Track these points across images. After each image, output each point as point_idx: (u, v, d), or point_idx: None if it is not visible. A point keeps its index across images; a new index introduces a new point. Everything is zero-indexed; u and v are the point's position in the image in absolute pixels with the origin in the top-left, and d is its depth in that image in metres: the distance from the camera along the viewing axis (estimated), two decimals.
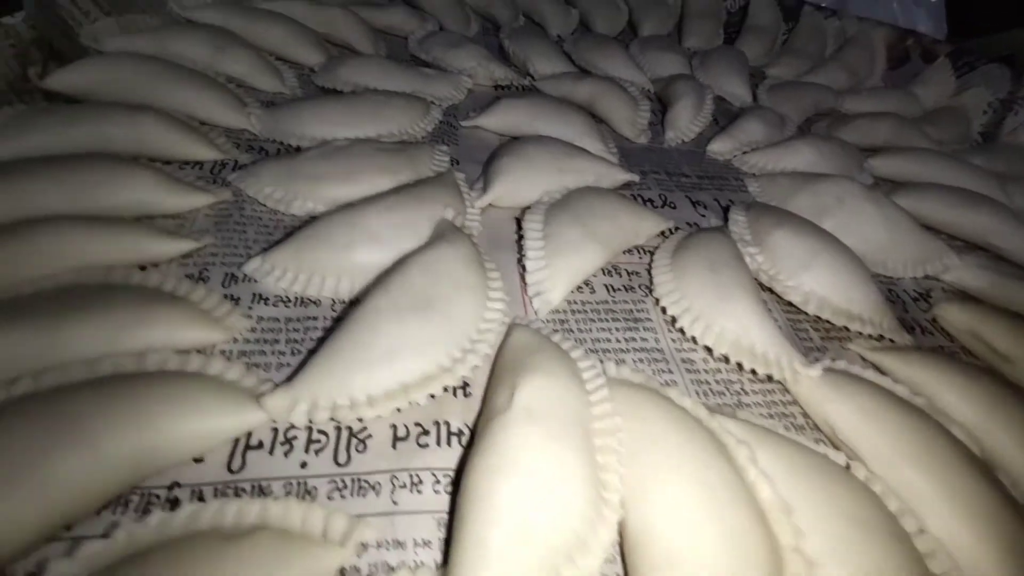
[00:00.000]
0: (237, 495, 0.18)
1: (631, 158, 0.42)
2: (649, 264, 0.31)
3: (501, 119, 0.41)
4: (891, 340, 0.29)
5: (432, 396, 0.22)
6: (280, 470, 0.19)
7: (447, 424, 0.22)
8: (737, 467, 0.20)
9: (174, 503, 0.18)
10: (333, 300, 0.26)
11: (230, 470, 0.19)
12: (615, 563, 0.19)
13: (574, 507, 0.18)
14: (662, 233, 0.34)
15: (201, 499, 0.18)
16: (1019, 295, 0.32)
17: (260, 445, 0.20)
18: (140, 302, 0.22)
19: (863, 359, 0.28)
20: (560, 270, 0.28)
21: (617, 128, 0.45)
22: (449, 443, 0.21)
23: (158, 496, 0.18)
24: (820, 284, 0.30)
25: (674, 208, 0.37)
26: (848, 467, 0.22)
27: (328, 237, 0.27)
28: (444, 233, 0.27)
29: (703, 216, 0.37)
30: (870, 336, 0.29)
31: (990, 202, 0.39)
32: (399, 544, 0.18)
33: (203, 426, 0.19)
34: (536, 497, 0.17)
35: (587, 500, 0.18)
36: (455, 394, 0.23)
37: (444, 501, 0.19)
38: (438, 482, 0.20)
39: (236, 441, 0.20)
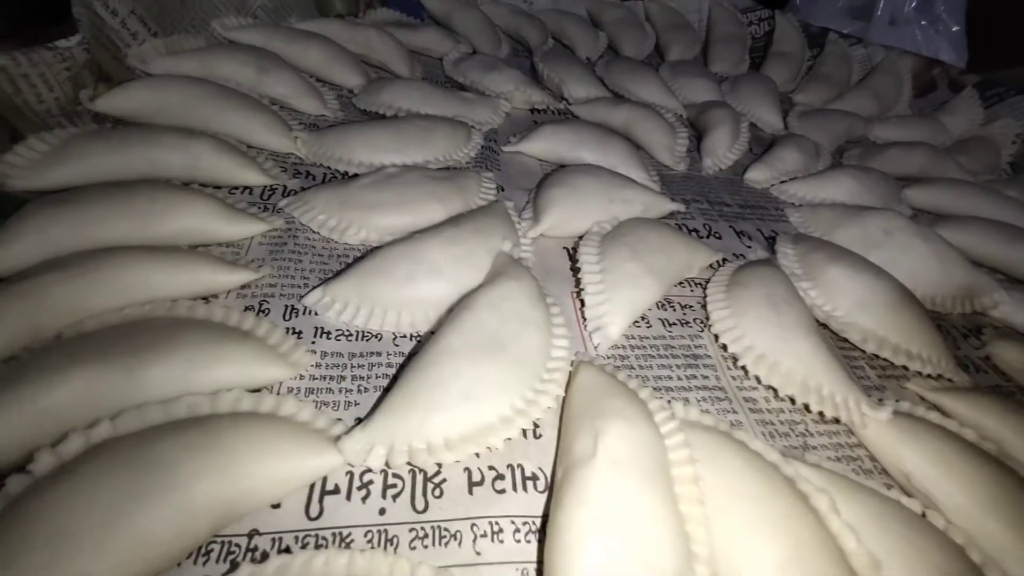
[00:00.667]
0: (318, 544, 0.18)
1: (671, 186, 0.42)
2: (702, 298, 0.31)
3: (543, 145, 0.41)
4: (949, 379, 0.29)
5: (508, 439, 0.21)
6: (359, 518, 0.19)
7: (521, 467, 0.21)
8: (820, 517, 0.20)
9: (257, 553, 0.17)
10: (395, 335, 0.26)
11: (309, 516, 0.19)
12: None
13: (667, 561, 0.17)
14: (710, 265, 0.34)
15: (283, 549, 0.18)
16: None
17: (337, 490, 0.19)
18: (210, 339, 0.22)
19: (922, 399, 0.28)
20: (619, 304, 0.28)
21: (655, 155, 0.45)
22: (525, 488, 0.21)
23: (239, 545, 0.18)
24: (878, 322, 0.29)
25: (719, 238, 0.37)
26: (924, 515, 0.22)
27: (389, 270, 0.27)
28: (506, 268, 0.27)
29: (748, 247, 0.37)
30: (928, 376, 0.29)
31: None
32: None
33: (282, 470, 0.19)
34: (630, 551, 0.17)
35: (678, 555, 0.18)
36: (526, 436, 0.23)
37: (527, 550, 0.19)
38: (518, 530, 0.19)
39: (312, 486, 0.19)
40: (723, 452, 0.21)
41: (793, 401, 0.26)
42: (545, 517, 0.20)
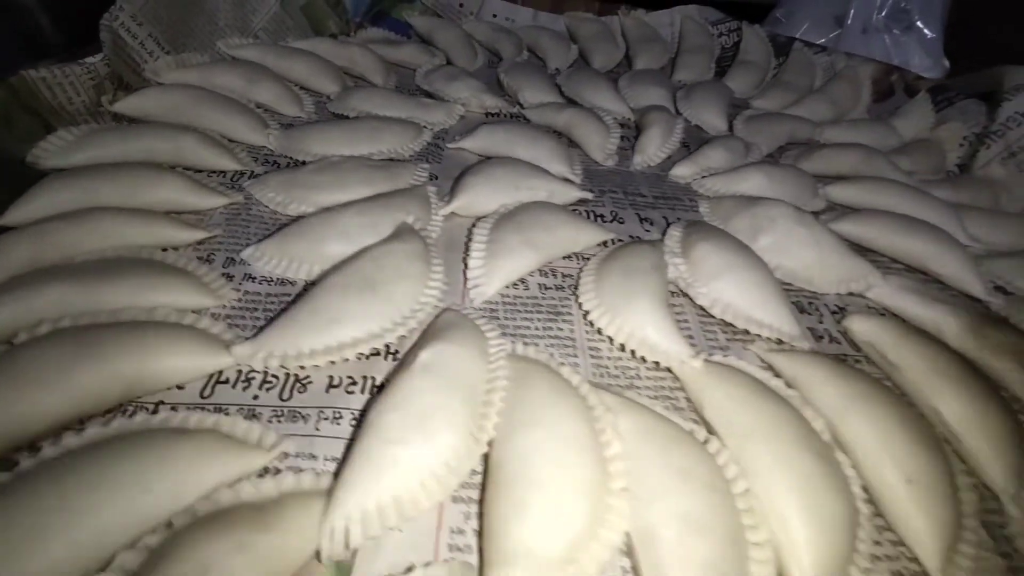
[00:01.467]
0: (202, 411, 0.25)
1: (595, 179, 0.47)
2: (581, 268, 0.36)
3: (480, 141, 0.47)
4: (791, 345, 0.32)
5: (365, 356, 0.28)
6: (237, 399, 0.25)
7: (373, 379, 0.27)
8: (596, 427, 0.25)
9: (154, 411, 0.24)
10: (305, 281, 0.32)
11: (202, 396, 0.25)
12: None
13: (447, 438, 0.23)
14: (605, 243, 0.39)
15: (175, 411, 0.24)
16: (930, 313, 0.34)
17: (227, 381, 0.26)
18: (159, 272, 0.29)
19: (761, 360, 0.32)
20: (497, 269, 0.34)
21: (588, 152, 0.50)
22: (371, 393, 0.27)
23: (147, 408, 0.25)
24: (728, 292, 0.33)
25: (622, 223, 0.42)
26: (706, 441, 0.26)
27: (307, 232, 0.34)
28: (400, 233, 0.34)
29: (647, 231, 0.41)
30: (770, 339, 0.32)
31: (929, 228, 0.41)
32: (312, 456, 0.23)
33: (188, 363, 0.26)
34: (410, 424, 0.22)
35: (461, 436, 0.23)
36: (385, 357, 0.29)
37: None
38: (355, 419, 0.25)
39: (210, 376, 0.26)
40: (536, 375, 0.26)
41: (623, 348, 0.30)
42: None
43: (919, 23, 0.68)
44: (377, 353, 0.28)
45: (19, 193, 0.32)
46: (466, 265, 0.34)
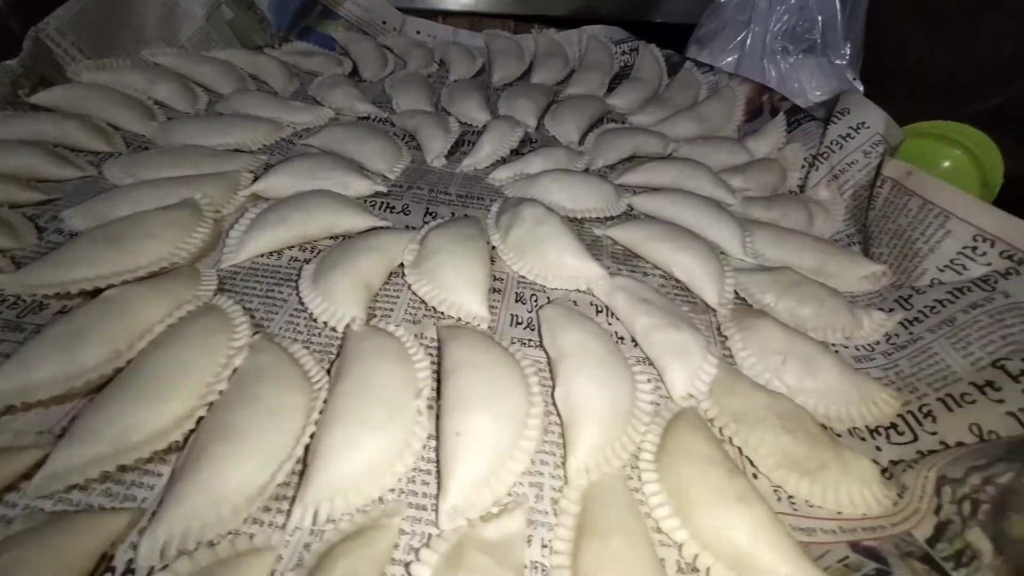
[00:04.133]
0: None
1: (414, 176, 0.52)
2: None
3: (321, 139, 0.54)
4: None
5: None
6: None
7: None
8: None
9: None
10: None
11: None
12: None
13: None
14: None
15: None
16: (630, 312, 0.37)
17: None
18: None
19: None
20: (249, 240, 0.40)
21: (424, 153, 0.55)
22: None
23: None
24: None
25: (407, 215, 0.47)
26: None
27: (109, 199, 0.42)
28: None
29: (426, 222, 0.46)
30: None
31: (690, 239, 0.43)
32: None
33: None
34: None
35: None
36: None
37: None
38: None
39: None
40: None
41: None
42: None
43: (822, 46, 0.67)
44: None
45: None
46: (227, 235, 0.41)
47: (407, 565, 0.25)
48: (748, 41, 0.69)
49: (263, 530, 0.26)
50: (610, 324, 0.39)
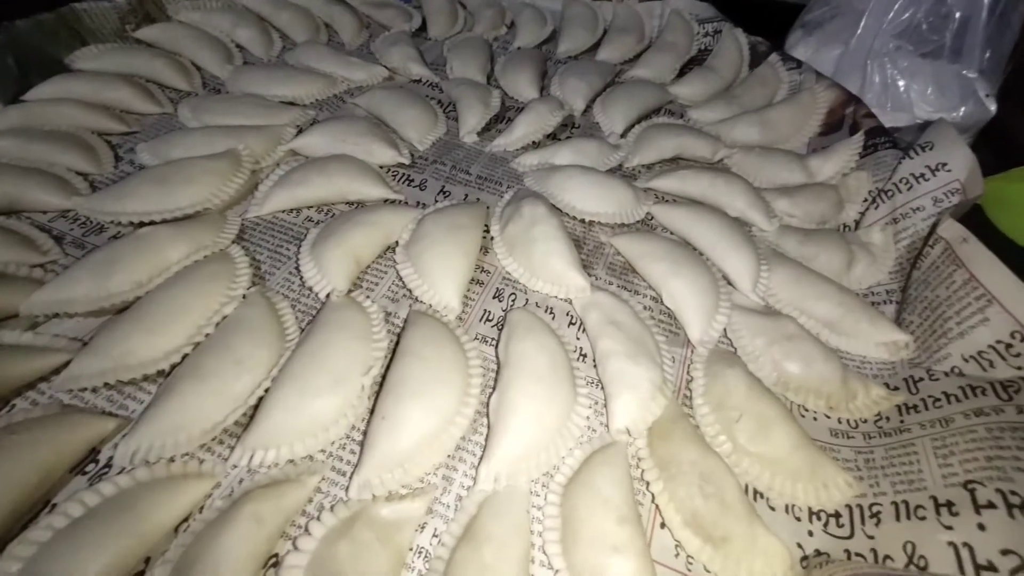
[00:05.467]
0: None
1: (441, 150, 0.53)
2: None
3: (365, 100, 0.56)
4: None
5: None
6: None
7: None
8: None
9: None
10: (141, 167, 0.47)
11: None
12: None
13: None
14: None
15: None
16: None
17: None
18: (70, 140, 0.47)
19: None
20: (272, 195, 0.45)
21: (459, 126, 0.56)
22: None
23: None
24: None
25: (422, 190, 0.49)
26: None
27: (171, 139, 0.48)
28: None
29: (437, 201, 0.48)
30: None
31: (694, 263, 0.41)
32: None
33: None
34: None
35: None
36: None
37: None
38: None
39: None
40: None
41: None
42: None
43: (951, 51, 0.56)
44: None
45: None
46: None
47: (310, 521, 0.28)
48: (856, 34, 0.59)
49: (211, 459, 0.31)
50: (578, 339, 0.39)
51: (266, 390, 0.33)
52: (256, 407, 0.32)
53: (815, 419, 0.35)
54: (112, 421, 0.31)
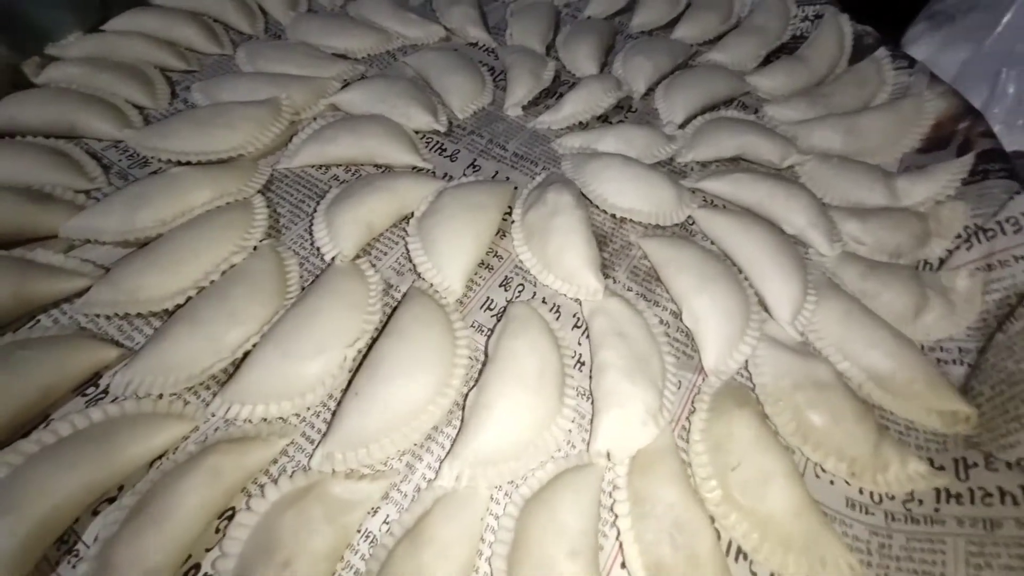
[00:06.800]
0: None
1: (482, 120, 0.50)
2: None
3: (416, 60, 0.54)
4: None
5: None
6: None
7: None
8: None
9: None
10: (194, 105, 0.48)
11: None
12: None
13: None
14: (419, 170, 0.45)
15: None
16: None
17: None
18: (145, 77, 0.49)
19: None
20: (303, 149, 0.44)
21: (511, 93, 0.52)
22: None
23: None
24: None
25: (453, 161, 0.47)
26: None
27: (223, 82, 0.49)
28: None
29: (465, 175, 0.45)
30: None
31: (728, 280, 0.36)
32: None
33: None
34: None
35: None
36: None
37: None
38: None
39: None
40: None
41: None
42: None
43: None
44: None
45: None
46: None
47: (267, 483, 0.29)
48: (996, 33, 0.49)
49: (195, 402, 0.32)
50: (580, 345, 0.36)
51: (254, 346, 0.33)
52: (242, 360, 0.33)
53: (831, 483, 0.30)
54: (116, 350, 0.33)
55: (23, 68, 0.46)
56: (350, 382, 0.32)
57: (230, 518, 0.28)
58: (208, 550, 0.27)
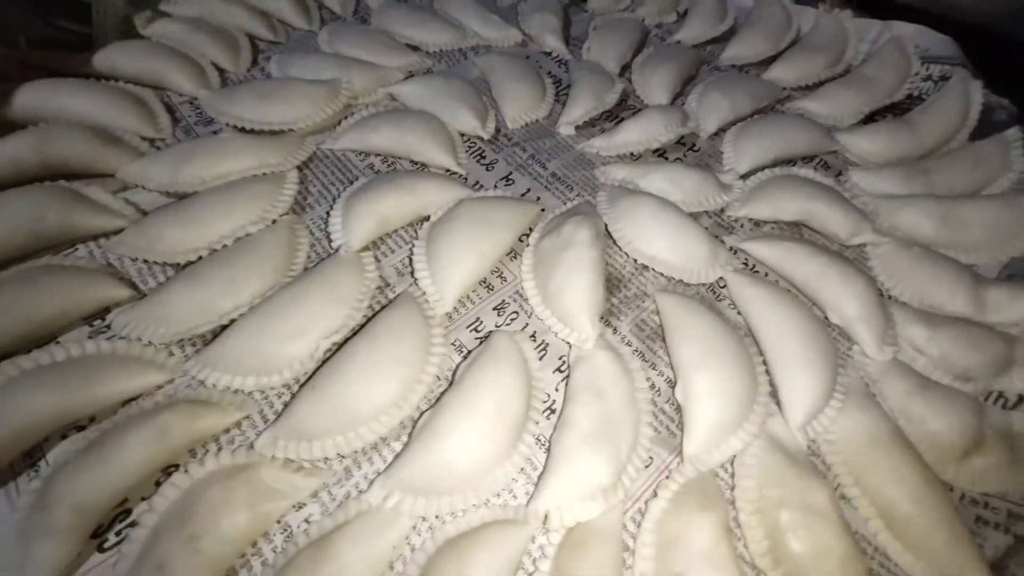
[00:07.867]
0: None
1: (531, 134, 0.49)
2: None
3: (482, 62, 0.54)
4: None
5: None
6: None
7: None
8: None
9: None
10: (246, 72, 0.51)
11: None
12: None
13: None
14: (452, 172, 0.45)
15: None
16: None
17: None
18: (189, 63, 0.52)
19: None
20: (349, 130, 0.45)
21: (563, 114, 0.50)
22: None
23: None
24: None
25: (489, 171, 0.45)
26: None
27: (285, 59, 0.51)
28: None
29: (496, 187, 0.44)
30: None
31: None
32: None
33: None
34: None
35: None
36: None
37: None
38: None
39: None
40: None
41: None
42: None
43: None
44: None
45: None
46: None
47: (209, 454, 0.29)
48: None
49: (179, 355, 0.33)
50: (556, 391, 0.33)
51: (241, 315, 0.34)
52: (225, 327, 0.34)
53: None
54: (127, 291, 0.35)
55: (134, 19, 0.52)
56: (314, 373, 0.32)
57: (170, 475, 0.29)
58: (144, 499, 0.28)
